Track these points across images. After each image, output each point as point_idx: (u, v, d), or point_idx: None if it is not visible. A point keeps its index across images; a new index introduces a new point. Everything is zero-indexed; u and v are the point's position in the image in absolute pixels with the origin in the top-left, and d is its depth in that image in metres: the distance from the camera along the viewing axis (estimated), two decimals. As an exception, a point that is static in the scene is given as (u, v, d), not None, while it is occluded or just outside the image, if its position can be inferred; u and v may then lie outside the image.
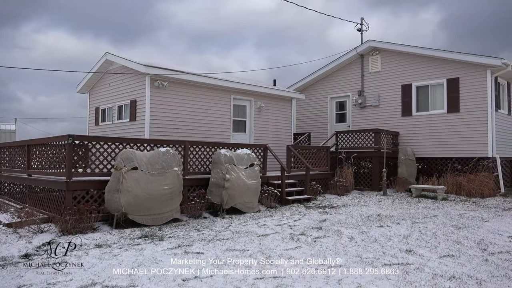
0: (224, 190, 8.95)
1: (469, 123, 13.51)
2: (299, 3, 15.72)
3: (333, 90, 17.35)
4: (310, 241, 6.30)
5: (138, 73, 11.47)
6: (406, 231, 7.05)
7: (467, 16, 60.30)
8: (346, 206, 10.14)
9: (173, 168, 8.15)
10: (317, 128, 17.54)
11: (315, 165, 12.51)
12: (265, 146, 11.25)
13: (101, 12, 58.64)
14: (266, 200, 10.04)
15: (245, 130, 13.92)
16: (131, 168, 7.51)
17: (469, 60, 13.44)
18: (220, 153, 9.39)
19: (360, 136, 14.18)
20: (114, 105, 12.83)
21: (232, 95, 13.35)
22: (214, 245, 6.01)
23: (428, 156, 14.36)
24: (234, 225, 7.67)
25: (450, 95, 13.95)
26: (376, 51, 15.99)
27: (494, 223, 7.90)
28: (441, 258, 5.34)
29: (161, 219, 7.78)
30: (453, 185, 12.61)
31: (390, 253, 5.60)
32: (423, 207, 10.11)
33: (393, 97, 15.41)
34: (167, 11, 59.45)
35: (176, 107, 11.80)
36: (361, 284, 4.29)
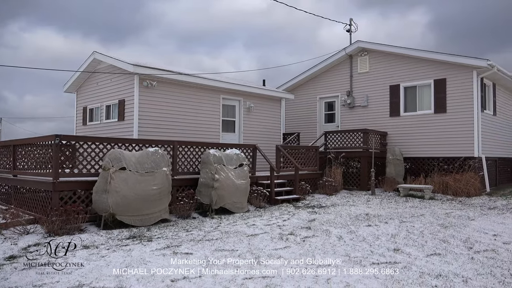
0: (213, 190, 8.93)
1: (455, 124, 13.70)
2: (289, 4, 15.75)
3: (322, 90, 17.43)
4: (299, 240, 6.32)
5: (127, 73, 11.38)
6: (394, 230, 7.12)
7: (454, 18, 61.20)
8: (335, 205, 10.20)
9: (162, 168, 8.11)
10: (307, 128, 17.61)
11: (304, 165, 12.55)
12: (254, 146, 11.25)
13: (89, 11, 58.06)
14: (255, 200, 10.04)
15: (235, 130, 13.91)
16: (119, 168, 7.45)
17: (455, 61, 13.62)
18: (209, 153, 9.36)
19: (348, 136, 14.28)
20: (102, 104, 12.71)
21: (221, 95, 13.33)
22: (203, 245, 5.99)
23: (416, 156, 14.51)
24: (223, 225, 7.65)
25: (437, 95, 14.12)
26: (364, 52, 16.11)
27: (479, 222, 8.02)
28: (428, 257, 5.40)
29: (149, 219, 7.73)
30: (440, 185, 12.77)
31: (378, 252, 5.64)
32: (410, 206, 10.21)
33: (382, 98, 15.54)
34: (156, 10, 59.18)
35: (165, 107, 11.74)
36: (349, 283, 4.32)
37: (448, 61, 13.79)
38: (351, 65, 16.53)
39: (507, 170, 16.64)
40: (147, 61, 12.80)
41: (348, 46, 16.50)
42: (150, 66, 11.50)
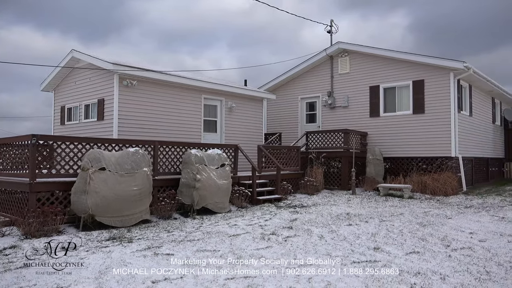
0: (194, 191, 8.88)
1: (433, 124, 13.99)
2: (272, 4, 15.81)
3: (304, 90, 17.55)
4: (281, 240, 6.34)
5: (106, 71, 11.20)
6: (374, 229, 7.22)
7: (433, 21, 62.42)
8: (316, 205, 10.28)
9: (143, 168, 8.02)
10: (288, 128, 17.69)
11: (286, 165, 12.61)
12: (236, 146, 11.24)
13: (68, 8, 56.76)
14: (237, 200, 10.03)
15: (216, 130, 13.86)
16: (98, 168, 7.33)
17: (433, 63, 13.91)
18: (191, 153, 9.30)
19: (329, 136, 14.41)
20: (80, 104, 12.48)
21: (203, 95, 13.26)
22: (185, 246, 5.95)
23: (395, 156, 14.76)
24: (205, 226, 7.62)
25: (415, 96, 14.39)
26: (345, 53, 16.29)
27: (456, 220, 8.22)
28: (407, 255, 5.50)
29: (130, 220, 7.63)
30: (419, 184, 13.02)
31: (358, 251, 5.71)
32: (390, 205, 10.38)
33: (362, 98, 15.75)
34: (138, 9, 58.28)
35: (145, 107, 11.60)
36: (330, 282, 4.36)
37: (426, 62, 14.07)
38: (332, 66, 16.69)
39: (482, 169, 17.09)
40: (129, 60, 12.64)
41: (329, 47, 16.66)
42: (130, 65, 11.35)
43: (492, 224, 7.75)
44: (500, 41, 58.36)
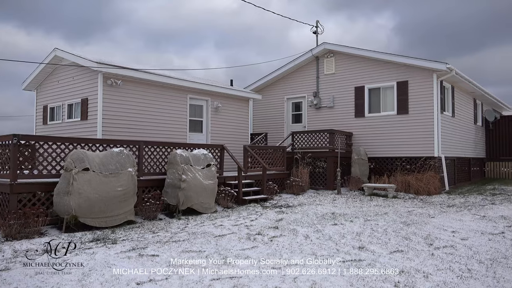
0: (180, 191, 8.82)
1: (417, 124, 14.19)
2: (259, 5, 15.82)
3: (290, 91, 17.61)
4: (267, 240, 6.35)
5: (90, 70, 11.05)
6: (359, 228, 7.28)
7: (419, 22, 63.31)
8: (302, 205, 10.32)
9: (127, 169, 7.94)
10: (274, 129, 17.73)
11: (272, 165, 12.63)
12: (222, 146, 11.21)
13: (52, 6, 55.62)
14: (223, 201, 10.01)
15: (202, 130, 13.80)
16: (82, 169, 7.22)
17: (417, 64, 14.11)
18: (176, 153, 9.25)
19: (315, 136, 14.49)
20: (63, 103, 12.28)
21: (188, 95, 13.19)
22: (170, 246, 5.90)
23: (380, 156, 14.92)
24: (190, 226, 7.58)
25: (399, 97, 14.57)
26: (331, 54, 16.40)
27: (439, 219, 8.35)
28: (391, 254, 5.56)
29: (114, 221, 7.54)
30: (403, 184, 13.19)
31: (343, 250, 5.76)
32: (374, 205, 10.49)
33: (347, 99, 15.88)
34: (125, 7, 57.45)
35: (130, 106, 11.48)
36: (316, 281, 4.38)
37: (410, 64, 14.27)
38: (318, 66, 16.79)
39: (464, 169, 17.41)
40: (115, 59, 12.50)
41: (314, 47, 16.75)
42: (114, 64, 11.21)
43: (473, 223, 7.90)
44: (482, 44, 59.57)
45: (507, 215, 8.80)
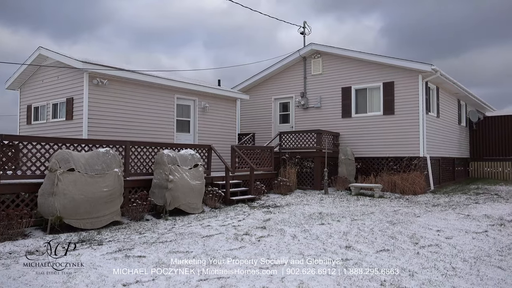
0: (167, 191, 8.77)
1: (403, 125, 14.36)
2: (247, 5, 15.82)
3: (277, 91, 17.65)
4: (254, 240, 6.35)
5: (75, 70, 10.90)
6: (345, 228, 7.34)
7: (406, 24, 64.06)
8: (290, 205, 10.35)
9: (113, 169, 7.86)
10: (262, 129, 17.75)
11: (260, 165, 12.64)
12: (209, 147, 11.18)
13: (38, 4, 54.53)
14: (211, 201, 9.98)
15: (189, 130, 13.74)
16: (67, 169, 7.13)
17: (402, 66, 14.28)
18: (163, 153, 9.19)
19: (303, 136, 14.54)
20: (48, 102, 12.09)
21: (176, 95, 13.12)
22: (157, 247, 5.86)
23: (366, 156, 15.05)
24: (177, 227, 7.54)
25: (386, 98, 14.73)
26: (318, 54, 16.49)
27: (424, 218, 8.46)
28: (377, 253, 5.62)
29: (100, 222, 7.45)
30: (389, 184, 13.33)
31: (331, 249, 5.79)
32: (361, 204, 10.57)
33: (334, 99, 15.98)
34: (112, 6, 56.67)
35: (117, 106, 11.37)
36: (303, 281, 4.40)
37: (396, 65, 14.43)
38: (305, 67, 16.86)
39: (449, 169, 17.67)
40: (102, 58, 12.37)
41: (301, 48, 16.81)
42: (100, 63, 11.09)
43: (458, 222, 8.02)
44: (467, 46, 60.56)
45: (491, 214, 8.96)
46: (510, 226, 7.57)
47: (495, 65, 53.09)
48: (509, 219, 8.29)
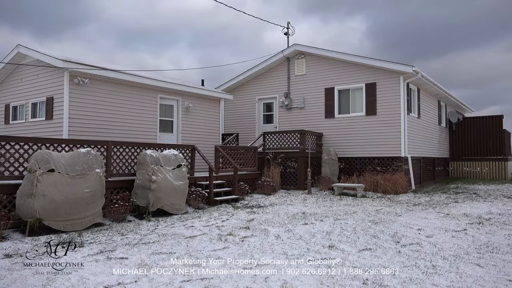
0: (150, 192, 8.68)
1: (384, 125, 14.55)
2: (236, 6, 15.78)
3: (261, 91, 17.67)
4: (238, 241, 6.34)
5: (55, 68, 10.70)
6: (329, 227, 7.39)
7: (390, 26, 64.94)
8: (273, 205, 10.37)
9: (95, 170, 7.74)
10: (245, 129, 17.74)
11: (243, 166, 12.63)
12: (193, 147, 11.12)
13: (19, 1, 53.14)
14: (194, 201, 9.92)
15: (173, 130, 13.64)
16: (47, 170, 6.98)
17: (384, 67, 14.47)
18: (146, 153, 9.09)
19: (286, 137, 14.60)
20: (27, 102, 11.83)
21: (158, 94, 13.00)
22: (139, 249, 5.80)
23: (349, 156, 15.20)
24: (160, 228, 7.47)
25: (368, 99, 14.90)
26: (301, 55, 16.58)
27: (406, 217, 8.59)
28: (360, 252, 5.68)
29: (81, 224, 7.33)
30: (371, 183, 13.49)
31: (314, 249, 5.83)
32: (344, 204, 10.67)
33: (317, 100, 16.09)
34: (96, 4, 55.62)
35: (98, 106, 11.20)
36: (287, 281, 4.41)
37: (378, 66, 14.62)
38: (289, 67, 16.93)
39: (429, 169, 18.00)
40: (85, 57, 12.16)
41: (285, 48, 16.88)
42: (82, 62, 10.91)
43: (438, 221, 8.18)
44: (448, 48, 61.75)
45: (469, 212, 9.16)
46: (488, 225, 7.75)
47: (475, 67, 54.35)
48: (487, 218, 8.49)
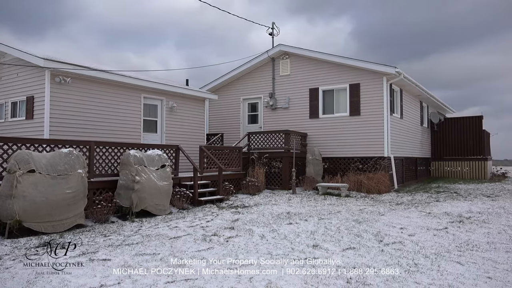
0: (133, 193, 8.59)
1: (368, 126, 14.71)
2: (223, 6, 15.72)
3: (246, 91, 17.67)
4: (223, 241, 6.33)
5: (36, 67, 10.49)
6: (313, 227, 7.44)
7: (376, 28, 65.87)
8: (258, 205, 10.38)
9: (77, 170, 7.62)
10: (230, 129, 17.71)
11: (228, 166, 12.61)
12: (177, 147, 11.05)
13: None
14: (178, 202, 9.86)
15: (157, 130, 13.52)
16: (27, 171, 6.84)
17: (368, 68, 14.63)
18: (130, 154, 8.99)
19: (271, 137, 14.63)
20: (7, 101, 11.57)
21: (142, 94, 12.87)
22: (123, 250, 5.73)
23: (333, 156, 15.32)
24: (144, 229, 7.40)
25: (352, 99, 15.05)
26: (286, 55, 16.64)
27: (389, 216, 8.71)
28: (344, 251, 5.73)
29: (63, 225, 7.20)
30: (355, 183, 13.62)
31: (298, 249, 5.85)
32: (328, 204, 10.75)
33: (302, 100, 16.17)
34: (81, 2, 54.54)
35: (81, 105, 11.02)
36: (271, 281, 4.42)
37: (362, 67, 14.78)
38: (273, 67, 16.97)
39: (412, 168, 18.27)
40: (70, 56, 11.93)
41: (270, 49, 16.92)
42: (63, 61, 10.72)
43: (420, 219, 8.31)
44: (431, 50, 62.86)
45: (450, 211, 9.33)
46: (468, 223, 7.91)
47: (456, 69, 55.50)
48: (467, 216, 8.67)
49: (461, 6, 56.02)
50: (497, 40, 61.29)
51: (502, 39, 76.10)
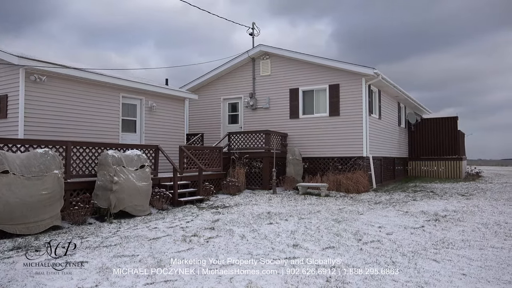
0: (112, 194, 8.45)
1: (347, 126, 14.89)
2: (206, 6, 15.61)
3: (226, 91, 17.63)
4: (203, 241, 6.29)
5: (10, 65, 10.19)
6: (293, 227, 7.48)
7: (356, 30, 66.85)
8: (238, 205, 10.37)
9: (53, 171, 7.44)
10: (211, 129, 17.64)
11: (208, 166, 12.55)
12: (156, 147, 10.93)
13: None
14: (158, 202, 9.75)
15: (136, 130, 13.34)
16: (0, 171, 6.64)
17: (347, 69, 14.81)
18: (108, 154, 8.85)
19: (251, 137, 14.63)
20: (-21, 100, 11.19)
21: (121, 93, 12.67)
22: (100, 252, 5.63)
23: (313, 156, 15.44)
24: (123, 230, 7.29)
25: (331, 100, 15.20)
26: (266, 56, 16.68)
27: (367, 215, 8.83)
28: (323, 250, 5.78)
29: (38, 227, 7.02)
30: (335, 183, 13.77)
31: (278, 248, 5.87)
32: (308, 203, 10.83)
33: (282, 100, 16.24)
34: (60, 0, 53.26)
35: (57, 104, 10.77)
36: (251, 281, 4.42)
37: (341, 68, 14.94)
38: (254, 68, 16.98)
39: (390, 168, 18.59)
40: (49, 56, 11.62)
41: (250, 49, 16.92)
42: (38, 59, 10.45)
43: (397, 218, 8.46)
44: (410, 52, 64.15)
45: (427, 210, 9.54)
46: (444, 221, 8.10)
47: (433, 71, 56.83)
48: (443, 215, 8.87)
49: (441, 11, 58.27)
50: (473, 43, 63.47)
51: (478, 43, 78.08)
